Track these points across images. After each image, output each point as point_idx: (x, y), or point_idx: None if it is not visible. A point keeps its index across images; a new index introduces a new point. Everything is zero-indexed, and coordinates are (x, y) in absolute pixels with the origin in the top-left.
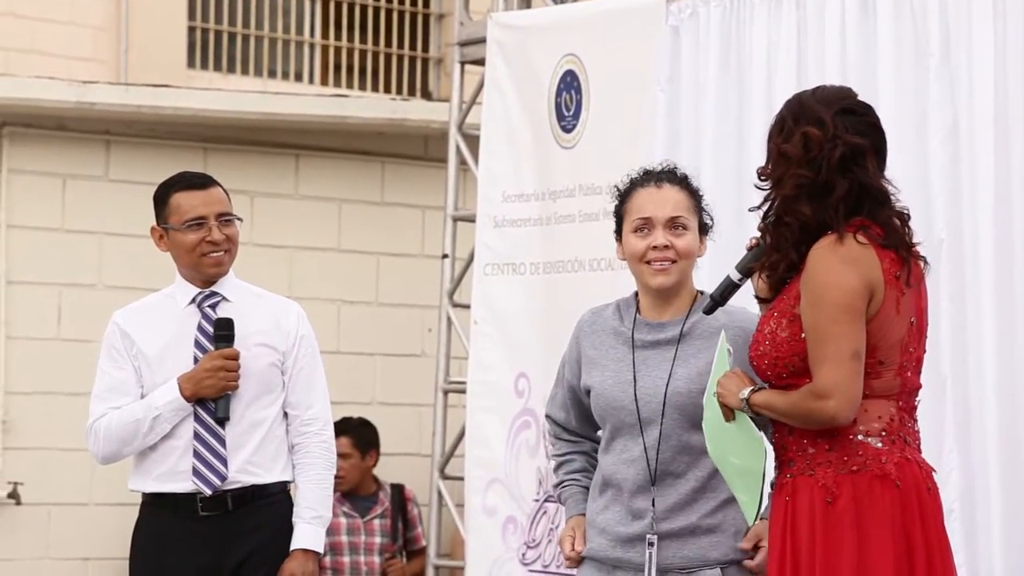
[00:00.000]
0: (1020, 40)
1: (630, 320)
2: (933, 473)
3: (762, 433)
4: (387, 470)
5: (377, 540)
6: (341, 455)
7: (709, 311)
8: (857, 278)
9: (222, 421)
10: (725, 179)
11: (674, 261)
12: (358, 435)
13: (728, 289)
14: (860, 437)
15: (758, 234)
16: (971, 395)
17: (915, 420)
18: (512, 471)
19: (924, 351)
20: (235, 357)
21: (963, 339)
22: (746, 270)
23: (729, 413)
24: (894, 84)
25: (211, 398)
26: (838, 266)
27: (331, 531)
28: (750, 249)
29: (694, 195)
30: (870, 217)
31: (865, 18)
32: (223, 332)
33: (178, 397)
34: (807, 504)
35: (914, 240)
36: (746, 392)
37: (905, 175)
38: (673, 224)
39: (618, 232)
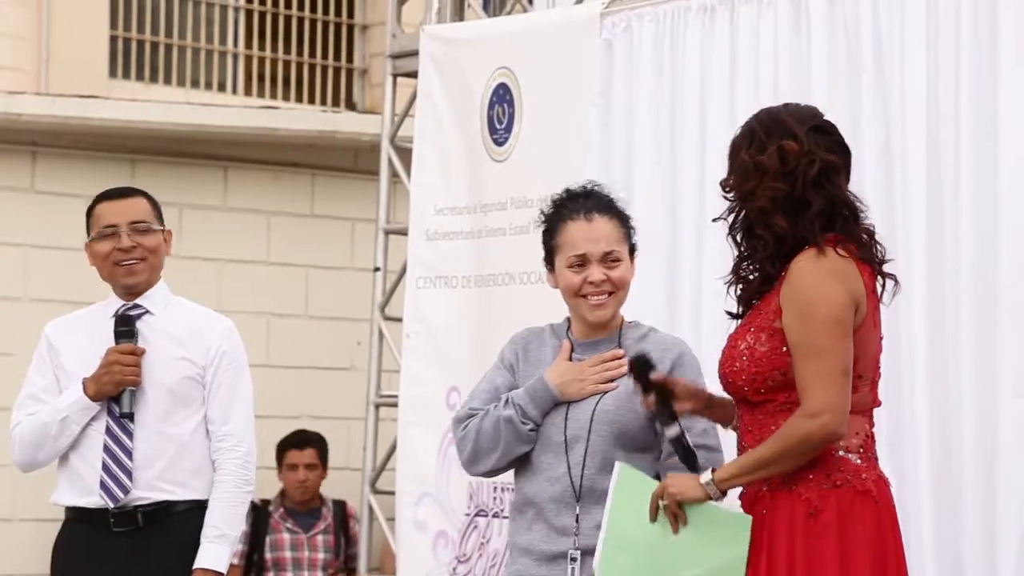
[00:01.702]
0: (952, 56)
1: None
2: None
3: (740, 511)
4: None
5: (321, 556)
6: (309, 466)
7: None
8: (843, 291)
9: (128, 417)
10: (657, 192)
11: (611, 293)
12: (320, 448)
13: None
14: (841, 453)
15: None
16: (904, 411)
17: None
18: (443, 485)
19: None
20: (133, 352)
21: (896, 354)
22: (671, 418)
23: (677, 522)
24: (827, 100)
25: (112, 394)
26: (824, 279)
27: (275, 547)
28: (650, 408)
29: (623, 222)
30: (844, 232)
31: (798, 34)
32: (123, 328)
33: (82, 396)
34: (786, 517)
35: (886, 256)
36: (708, 476)
37: None
38: (607, 258)
39: (549, 260)
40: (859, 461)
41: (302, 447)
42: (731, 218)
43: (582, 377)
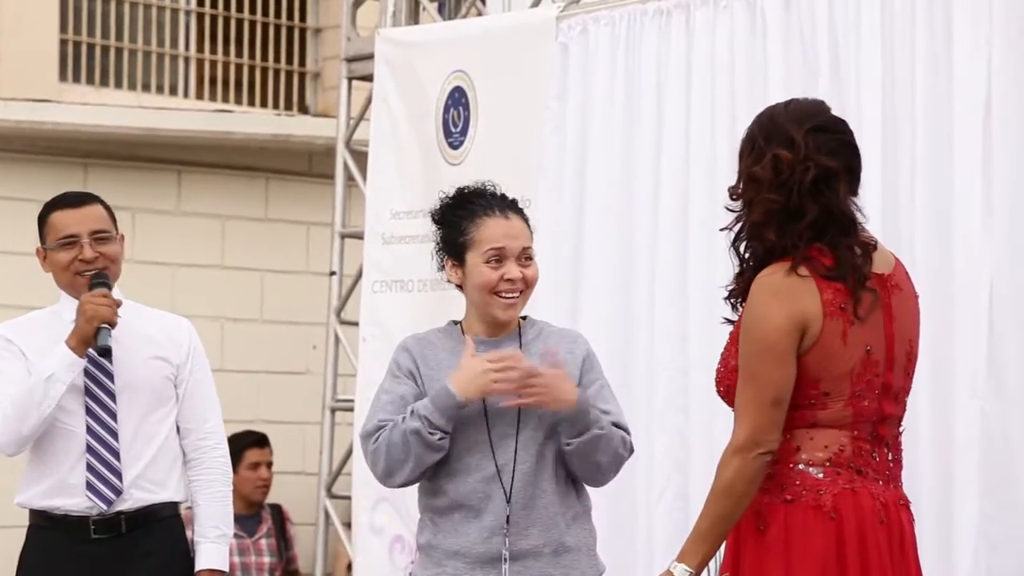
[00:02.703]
0: (907, 59)
1: (460, 341)
2: (905, 504)
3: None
4: (272, 489)
5: (266, 560)
6: (268, 464)
7: None
8: (784, 315)
9: (106, 353)
10: (613, 196)
11: (521, 291)
12: (270, 448)
13: None
14: (801, 466)
15: None
16: None
17: (885, 449)
18: (399, 490)
19: (900, 378)
20: (106, 296)
21: None
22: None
23: None
24: None
25: (91, 336)
26: (768, 300)
27: None
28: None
29: (529, 224)
30: (831, 244)
31: (754, 38)
32: (98, 280)
33: (65, 351)
34: (745, 528)
35: (873, 270)
36: (680, 569)
37: None
38: (522, 255)
39: (454, 255)
40: (820, 475)
41: (263, 445)
42: (736, 228)
43: (482, 370)
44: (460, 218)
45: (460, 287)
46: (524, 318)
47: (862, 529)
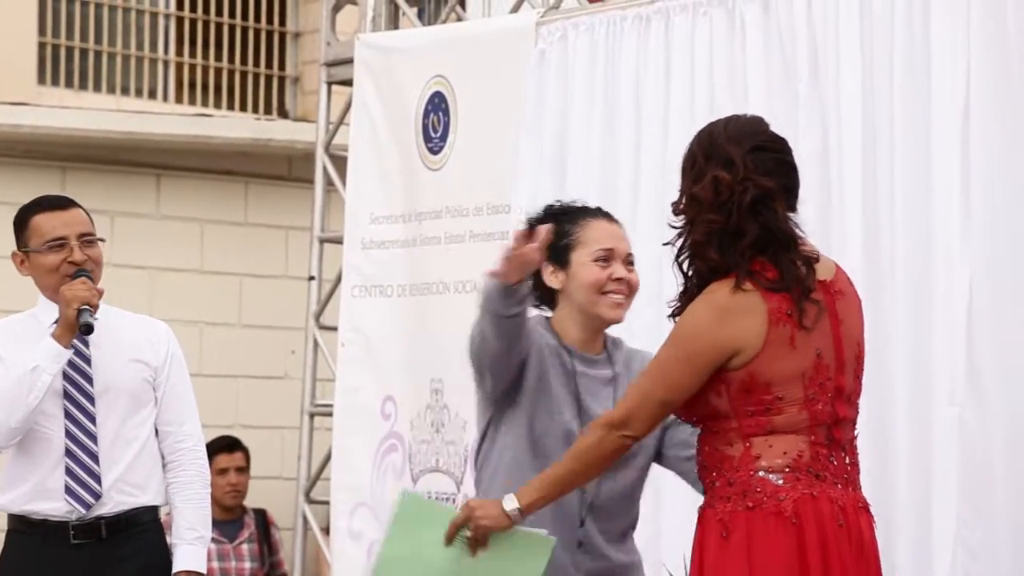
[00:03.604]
0: (886, 64)
1: (564, 350)
2: (865, 507)
3: (542, 532)
4: (251, 493)
5: (247, 566)
6: (240, 470)
7: None
8: (716, 336)
9: (89, 330)
10: (591, 201)
11: (627, 295)
12: (246, 452)
13: None
14: (761, 474)
15: None
16: None
17: (842, 453)
18: (378, 495)
19: (851, 381)
20: (84, 282)
21: None
22: None
23: (477, 545)
24: (764, 109)
25: (74, 322)
26: (708, 316)
27: None
28: None
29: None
30: (773, 259)
31: (733, 43)
32: (82, 272)
33: (50, 343)
34: (705, 535)
35: (814, 284)
36: (513, 503)
37: None
38: (628, 259)
39: (553, 260)
40: (780, 482)
41: (232, 450)
42: (679, 243)
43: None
44: (561, 223)
45: (548, 299)
46: (607, 338)
47: (823, 533)
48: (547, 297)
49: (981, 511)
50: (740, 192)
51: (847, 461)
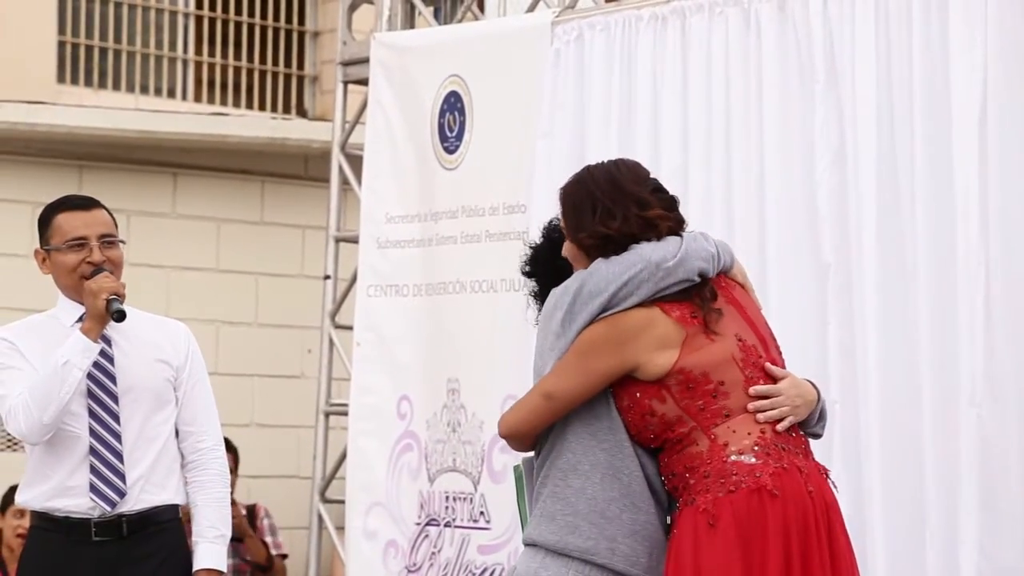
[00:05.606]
0: (904, 62)
1: None
2: (825, 473)
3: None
4: (265, 492)
5: (243, 561)
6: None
7: None
8: (610, 361)
9: (122, 317)
10: None
11: None
12: (235, 454)
13: None
14: (733, 457)
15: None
16: (859, 420)
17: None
18: (394, 494)
19: (777, 356)
20: (107, 276)
21: (851, 364)
22: None
23: None
24: (780, 109)
25: (103, 313)
26: (609, 336)
27: None
28: None
29: None
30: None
31: (749, 44)
32: (101, 269)
33: (79, 337)
34: (690, 531)
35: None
36: None
37: (792, 200)
38: None
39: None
40: (753, 460)
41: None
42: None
43: None
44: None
45: None
46: None
47: (800, 503)
48: None
49: (999, 511)
50: (651, 228)
51: (802, 433)
